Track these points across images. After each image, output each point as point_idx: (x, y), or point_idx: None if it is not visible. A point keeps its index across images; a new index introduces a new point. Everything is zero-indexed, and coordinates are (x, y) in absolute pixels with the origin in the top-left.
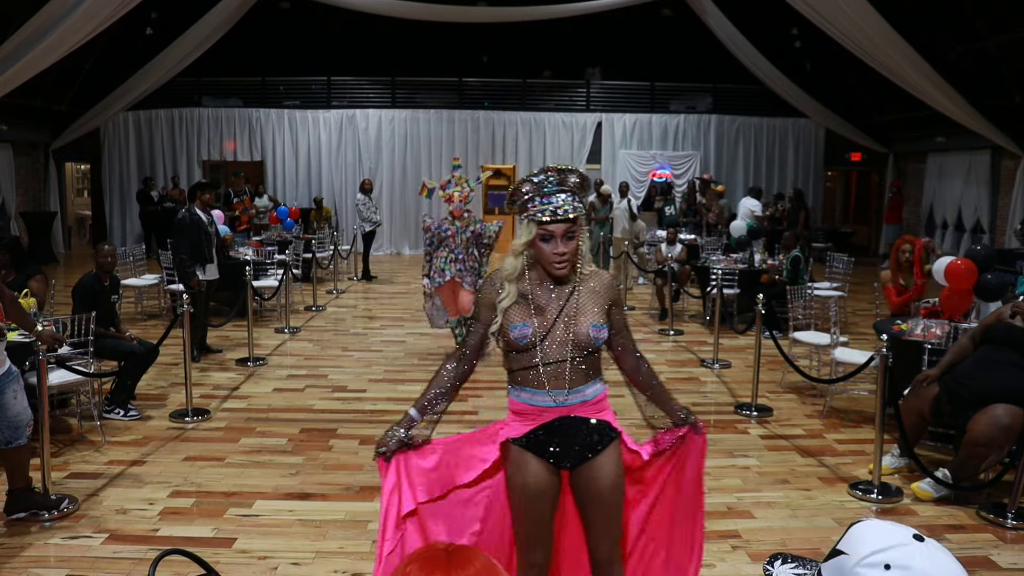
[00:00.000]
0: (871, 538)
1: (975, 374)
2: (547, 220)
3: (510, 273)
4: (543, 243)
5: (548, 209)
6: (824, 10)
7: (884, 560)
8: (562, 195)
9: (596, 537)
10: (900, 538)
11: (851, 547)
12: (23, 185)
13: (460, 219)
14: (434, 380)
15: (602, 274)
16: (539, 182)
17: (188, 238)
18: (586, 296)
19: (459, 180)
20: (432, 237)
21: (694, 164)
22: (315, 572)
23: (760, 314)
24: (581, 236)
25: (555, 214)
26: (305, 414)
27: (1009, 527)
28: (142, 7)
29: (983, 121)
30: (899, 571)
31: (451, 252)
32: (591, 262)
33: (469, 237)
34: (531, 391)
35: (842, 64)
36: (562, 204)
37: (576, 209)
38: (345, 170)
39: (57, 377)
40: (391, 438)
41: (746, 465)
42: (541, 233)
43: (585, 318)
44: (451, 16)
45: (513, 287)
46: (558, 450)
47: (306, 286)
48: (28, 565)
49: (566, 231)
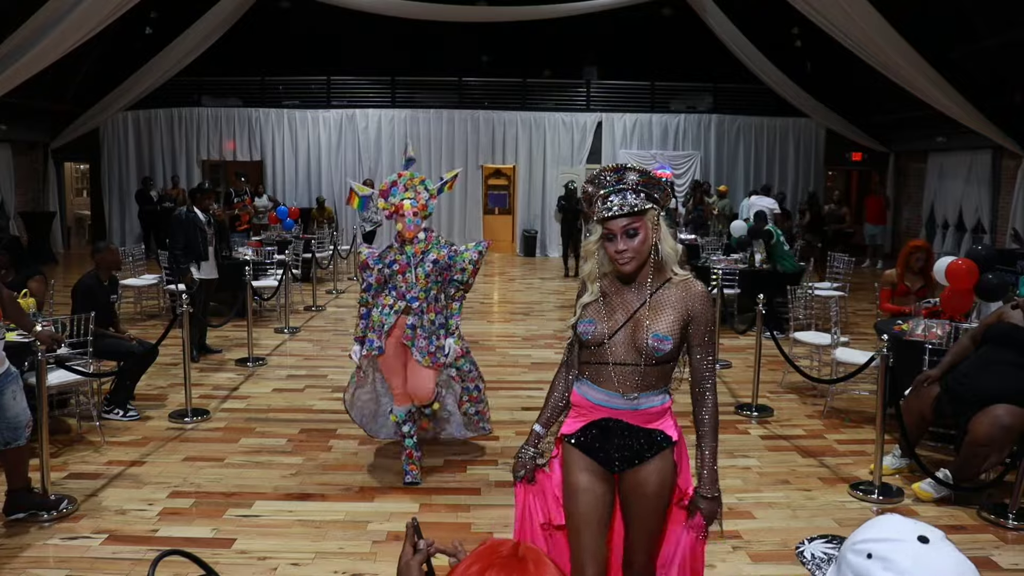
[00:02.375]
0: (875, 527)
1: (976, 374)
2: (606, 217)
3: (588, 273)
4: (607, 242)
5: (606, 207)
6: (825, 10)
7: (869, 549)
8: (621, 192)
9: (632, 547)
10: (901, 534)
11: (855, 533)
12: (22, 185)
13: (413, 243)
14: (549, 395)
15: (693, 284)
16: (598, 183)
17: (183, 235)
18: (663, 302)
19: (411, 182)
20: (369, 276)
21: (695, 164)
22: (315, 572)
23: (760, 314)
24: (658, 235)
25: (611, 211)
26: (305, 414)
27: (1010, 527)
28: (142, 7)
29: (984, 121)
30: (878, 563)
31: (399, 298)
32: (683, 266)
33: (430, 271)
34: (590, 385)
35: (843, 64)
36: (619, 201)
37: (635, 204)
38: (345, 170)
39: (56, 377)
40: (525, 457)
41: (747, 465)
42: (605, 233)
43: (652, 325)
44: (451, 16)
45: (596, 286)
46: (604, 452)
47: (306, 286)
48: (27, 566)
49: (626, 227)
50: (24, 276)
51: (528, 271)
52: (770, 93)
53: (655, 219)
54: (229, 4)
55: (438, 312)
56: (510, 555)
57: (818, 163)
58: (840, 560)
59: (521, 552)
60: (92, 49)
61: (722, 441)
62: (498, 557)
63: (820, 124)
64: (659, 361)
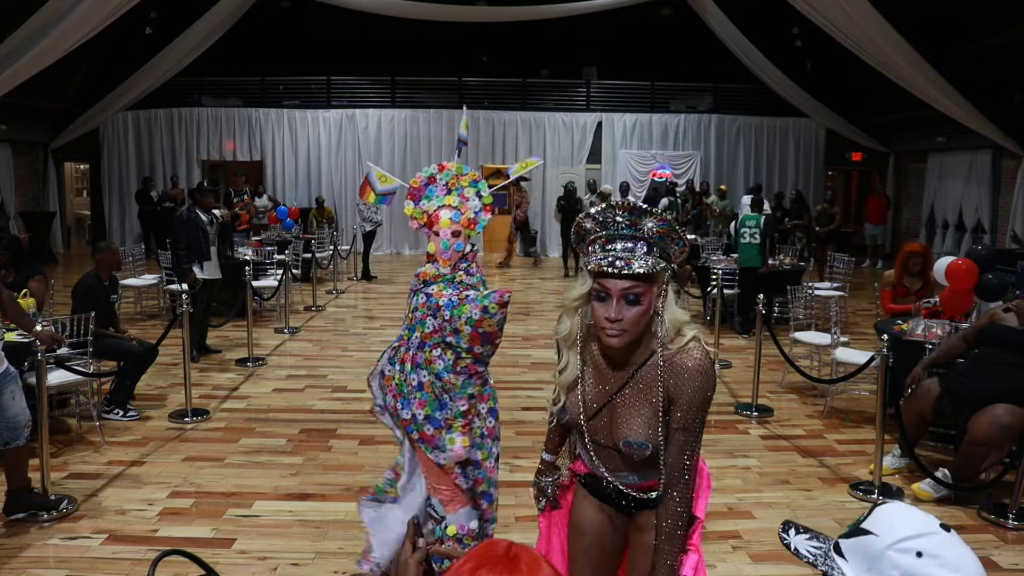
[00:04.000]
0: (903, 523)
1: (975, 374)
2: (605, 272)
3: (565, 338)
4: (597, 302)
5: (607, 257)
6: (825, 10)
7: (917, 547)
8: (631, 242)
9: None
10: (931, 526)
11: (880, 528)
12: (22, 185)
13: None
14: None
15: (686, 357)
16: (603, 220)
17: (185, 235)
18: (644, 385)
19: (455, 181)
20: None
21: (694, 164)
22: (315, 573)
23: (760, 314)
24: (663, 304)
25: (612, 265)
26: (305, 414)
27: (1010, 527)
28: (142, 7)
29: (984, 121)
30: (930, 560)
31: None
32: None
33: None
34: (580, 447)
35: (843, 64)
36: (625, 254)
37: (646, 266)
38: (345, 170)
39: (56, 377)
40: (543, 486)
41: (747, 465)
42: (596, 289)
43: (626, 425)
44: (451, 16)
45: (574, 355)
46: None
47: (306, 286)
48: (27, 566)
49: (626, 292)
50: (24, 276)
51: (528, 271)
52: (770, 93)
53: (664, 283)
54: (229, 4)
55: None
56: (503, 554)
57: (818, 163)
58: (879, 560)
59: (514, 552)
60: (92, 49)
61: (722, 441)
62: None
63: (820, 124)
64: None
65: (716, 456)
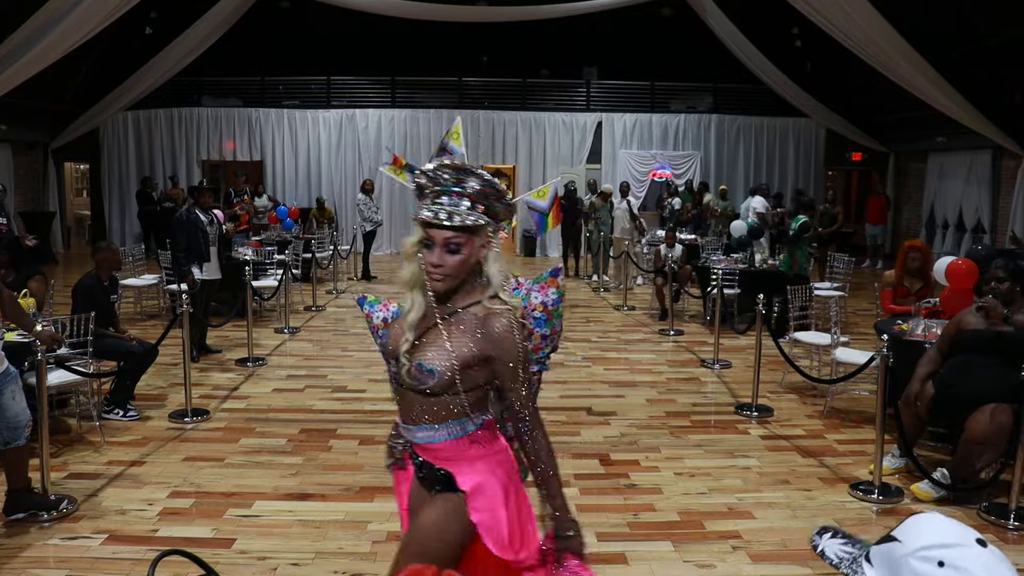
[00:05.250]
0: (931, 531)
1: (962, 380)
2: (429, 223)
3: (407, 281)
4: (425, 249)
5: (432, 210)
6: (825, 10)
7: (940, 557)
8: (455, 198)
9: None
10: (962, 538)
11: (907, 536)
12: (22, 185)
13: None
14: None
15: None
16: (434, 177)
17: (185, 236)
18: (455, 328)
19: None
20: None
21: (694, 164)
22: (315, 573)
23: (760, 314)
24: (486, 256)
25: (435, 216)
26: (305, 414)
27: (1011, 528)
28: (142, 7)
29: (984, 121)
30: (952, 571)
31: None
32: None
33: None
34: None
35: (843, 64)
36: (450, 207)
37: (467, 219)
38: (345, 170)
39: (56, 377)
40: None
41: (747, 465)
42: (424, 238)
43: (428, 349)
44: (451, 16)
45: (418, 295)
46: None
47: (306, 286)
48: (27, 566)
49: (449, 240)
50: (24, 276)
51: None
52: (770, 93)
53: (488, 236)
54: (229, 4)
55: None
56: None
57: (818, 163)
58: (899, 566)
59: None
60: (92, 49)
61: (722, 441)
62: None
63: (820, 124)
64: (431, 392)
65: (716, 456)
